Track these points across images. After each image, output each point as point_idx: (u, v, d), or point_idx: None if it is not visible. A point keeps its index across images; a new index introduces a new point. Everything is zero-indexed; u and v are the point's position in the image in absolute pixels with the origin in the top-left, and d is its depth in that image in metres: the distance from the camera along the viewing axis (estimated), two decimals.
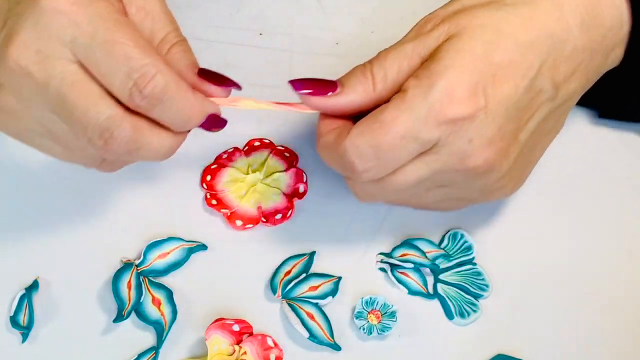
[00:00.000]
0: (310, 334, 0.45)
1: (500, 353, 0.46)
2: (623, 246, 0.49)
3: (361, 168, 0.41)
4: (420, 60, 0.43)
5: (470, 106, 0.41)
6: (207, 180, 0.51)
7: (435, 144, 0.41)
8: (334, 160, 0.43)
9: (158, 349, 0.45)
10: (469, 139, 0.41)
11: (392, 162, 0.41)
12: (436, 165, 0.42)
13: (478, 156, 0.41)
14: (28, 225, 0.50)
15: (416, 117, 0.40)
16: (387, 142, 0.40)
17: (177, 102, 0.40)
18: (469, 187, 0.44)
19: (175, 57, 0.42)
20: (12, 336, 0.46)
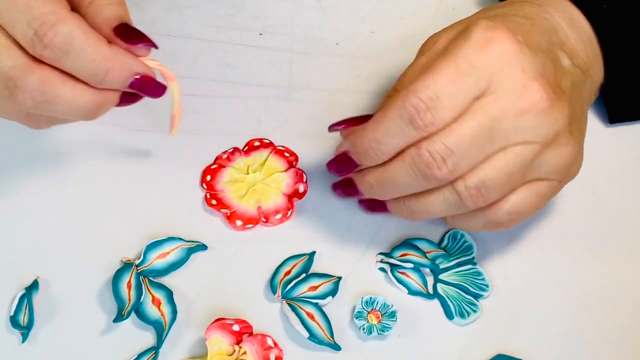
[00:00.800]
0: (310, 334, 0.45)
1: (500, 353, 0.46)
2: (623, 246, 0.49)
3: (423, 108, 0.40)
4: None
5: (512, 39, 0.41)
6: (207, 180, 0.51)
7: (491, 81, 0.41)
8: (390, 125, 0.42)
9: (158, 349, 0.45)
10: (522, 69, 0.41)
11: (453, 100, 0.41)
12: (500, 104, 0.41)
13: (535, 86, 0.41)
14: (28, 225, 0.50)
15: (466, 54, 0.41)
16: (444, 79, 0.40)
17: (87, 53, 0.39)
18: (538, 136, 0.42)
19: (95, 10, 0.41)
20: (12, 336, 0.46)
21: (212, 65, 0.57)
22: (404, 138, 0.42)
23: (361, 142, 0.43)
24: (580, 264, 0.49)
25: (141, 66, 0.42)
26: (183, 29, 0.59)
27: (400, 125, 0.41)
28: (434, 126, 0.41)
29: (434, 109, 0.40)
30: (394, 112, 0.41)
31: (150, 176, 0.52)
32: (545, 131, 0.42)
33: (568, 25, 0.47)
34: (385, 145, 0.42)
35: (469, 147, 0.41)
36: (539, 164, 0.43)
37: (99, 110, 0.42)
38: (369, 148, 0.43)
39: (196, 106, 0.55)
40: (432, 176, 0.41)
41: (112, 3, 0.41)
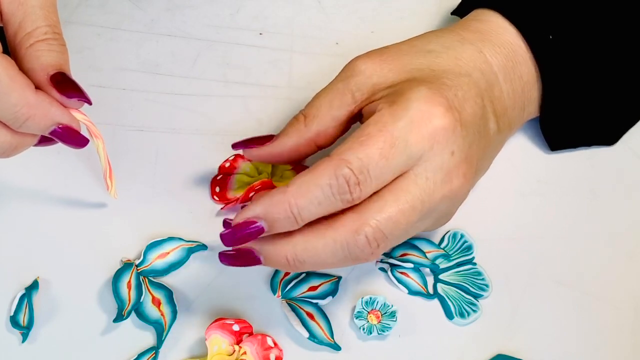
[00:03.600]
0: (310, 334, 0.45)
1: (500, 353, 0.46)
2: (623, 246, 0.49)
3: (353, 181, 0.39)
4: (352, 95, 0.44)
5: (449, 117, 0.41)
6: (217, 192, 0.51)
7: (420, 158, 0.41)
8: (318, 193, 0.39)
9: (158, 349, 0.45)
10: (452, 152, 0.41)
11: (382, 175, 0.40)
12: (425, 186, 0.41)
13: (459, 172, 0.42)
14: (28, 225, 0.50)
15: (401, 127, 0.40)
16: (377, 152, 0.40)
17: (10, 98, 0.39)
18: (439, 215, 0.44)
19: (34, 54, 0.40)
20: (12, 336, 0.46)
21: (212, 65, 0.57)
22: (328, 208, 0.40)
23: (281, 205, 0.40)
24: (580, 264, 0.49)
25: (65, 117, 0.41)
26: (183, 29, 0.59)
27: (328, 195, 0.40)
28: (360, 200, 0.40)
29: (363, 182, 0.40)
30: (323, 180, 0.40)
31: (150, 176, 0.52)
32: (449, 211, 0.44)
33: (505, 78, 0.46)
34: (308, 213, 0.40)
35: (400, 233, 0.41)
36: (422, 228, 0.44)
37: (14, 151, 0.42)
38: (290, 214, 0.40)
39: (196, 106, 0.55)
40: (364, 261, 0.41)
41: (53, 49, 0.40)
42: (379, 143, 0.40)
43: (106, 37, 0.58)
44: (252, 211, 0.41)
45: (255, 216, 0.41)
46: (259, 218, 0.41)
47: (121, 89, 0.56)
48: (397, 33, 0.58)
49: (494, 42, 0.47)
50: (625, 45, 0.49)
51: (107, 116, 0.54)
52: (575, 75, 0.48)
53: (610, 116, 0.51)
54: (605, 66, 0.49)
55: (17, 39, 0.40)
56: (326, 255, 0.41)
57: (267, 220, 0.40)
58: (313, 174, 0.40)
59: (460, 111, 0.42)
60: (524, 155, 0.52)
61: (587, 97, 0.49)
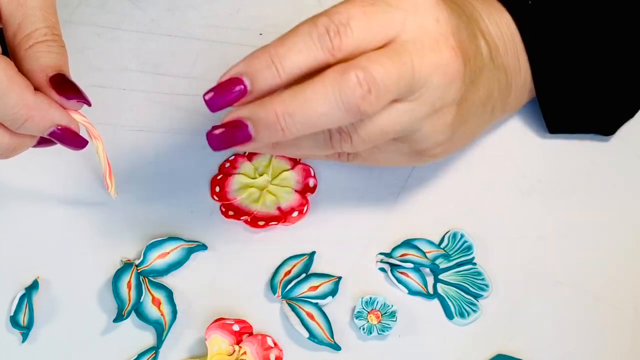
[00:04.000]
0: (310, 334, 0.45)
1: (500, 353, 0.46)
2: (623, 246, 0.49)
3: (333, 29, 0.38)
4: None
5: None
6: (216, 191, 0.51)
7: (403, 22, 0.39)
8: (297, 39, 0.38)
9: (158, 349, 0.45)
10: (437, 19, 0.40)
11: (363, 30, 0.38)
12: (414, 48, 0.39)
13: (447, 42, 0.40)
14: (28, 225, 0.50)
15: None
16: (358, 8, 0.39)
17: (9, 99, 0.39)
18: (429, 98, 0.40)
19: (33, 55, 0.40)
20: (12, 336, 0.46)
21: (212, 65, 0.57)
22: (309, 56, 0.38)
23: (262, 57, 0.38)
24: (580, 263, 0.49)
25: (64, 119, 0.41)
26: (183, 29, 0.59)
27: (307, 43, 0.38)
28: (341, 52, 0.38)
29: (343, 34, 0.38)
30: (302, 28, 0.39)
31: (150, 176, 0.52)
32: (442, 97, 0.41)
33: (490, 20, 0.46)
34: (289, 62, 0.38)
35: (392, 85, 0.38)
36: (414, 126, 0.42)
37: (12, 152, 0.42)
38: (271, 63, 0.38)
39: (196, 106, 0.55)
40: (355, 106, 0.38)
41: (52, 51, 0.40)
42: (359, 1, 0.39)
43: (106, 37, 0.58)
44: (234, 69, 0.39)
45: (237, 72, 0.39)
46: (240, 74, 0.39)
47: (121, 89, 0.56)
48: None
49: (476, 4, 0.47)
50: (617, 26, 0.49)
51: (107, 116, 0.54)
52: (560, 43, 0.48)
53: (607, 104, 0.50)
54: (594, 45, 0.48)
55: (17, 40, 0.40)
56: (316, 101, 0.38)
57: (249, 75, 0.39)
58: (295, 27, 0.39)
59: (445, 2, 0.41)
60: (524, 155, 0.52)
61: (579, 75, 0.49)
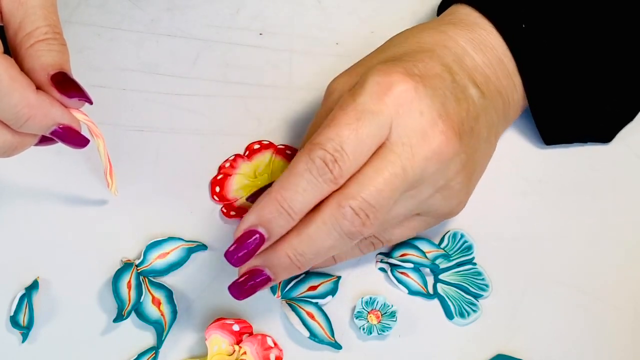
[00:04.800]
0: (311, 334, 0.45)
1: (500, 353, 0.46)
2: (622, 246, 0.49)
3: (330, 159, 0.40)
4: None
5: (408, 80, 0.41)
6: (217, 192, 0.51)
7: (390, 125, 0.40)
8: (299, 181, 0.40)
9: (158, 349, 0.45)
10: (420, 112, 0.41)
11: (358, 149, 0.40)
12: (402, 156, 0.40)
13: (434, 131, 0.41)
14: (28, 225, 0.50)
15: (362, 101, 0.40)
16: (345, 128, 0.40)
17: (11, 98, 0.39)
18: (435, 183, 0.42)
19: (34, 54, 0.40)
20: (12, 336, 0.46)
21: (212, 65, 0.57)
22: (315, 193, 0.40)
23: (271, 204, 0.40)
24: (580, 263, 0.49)
25: (66, 117, 0.41)
26: (183, 29, 0.59)
27: (310, 180, 0.40)
28: (343, 177, 0.40)
29: (340, 160, 0.40)
30: (301, 166, 0.40)
31: (150, 176, 0.52)
32: (443, 177, 0.42)
33: (475, 49, 0.46)
34: (298, 204, 0.40)
35: (387, 201, 0.41)
36: (426, 204, 0.44)
37: (14, 151, 0.42)
38: (281, 209, 0.40)
39: (196, 106, 0.55)
40: (358, 233, 0.40)
41: (53, 49, 0.40)
42: (345, 120, 0.40)
43: (106, 37, 0.58)
44: (246, 221, 0.41)
45: (251, 224, 0.41)
46: (255, 225, 0.41)
47: (121, 89, 0.56)
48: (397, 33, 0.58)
49: (461, 25, 0.47)
50: (608, 40, 0.49)
51: (107, 116, 0.54)
52: (552, 61, 0.48)
53: (603, 112, 0.51)
54: (586, 58, 0.48)
55: (18, 39, 0.40)
56: (321, 239, 0.40)
57: (263, 224, 0.40)
58: (291, 166, 0.40)
59: (421, 76, 0.42)
60: (524, 155, 0.52)
61: (571, 88, 0.49)
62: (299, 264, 0.42)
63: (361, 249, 0.47)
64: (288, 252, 0.41)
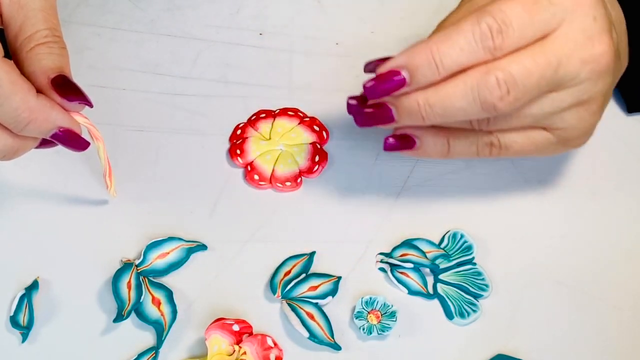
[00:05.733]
0: (311, 334, 0.45)
1: (500, 353, 0.46)
2: (623, 246, 0.49)
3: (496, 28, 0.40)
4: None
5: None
6: (238, 154, 0.52)
7: (564, 19, 0.40)
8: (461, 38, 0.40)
9: (158, 349, 0.45)
10: (594, 17, 0.41)
11: (524, 28, 0.40)
12: (564, 50, 0.40)
13: (602, 39, 0.41)
14: (28, 225, 0.50)
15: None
16: (519, 5, 0.40)
17: (11, 102, 0.39)
18: (576, 92, 0.42)
19: (34, 57, 0.40)
20: (12, 336, 0.46)
21: (212, 65, 0.57)
22: (470, 56, 0.40)
23: (424, 52, 0.40)
24: (580, 264, 0.49)
25: (66, 121, 0.41)
26: (183, 29, 0.59)
27: (470, 42, 0.40)
28: (502, 51, 0.40)
29: (505, 32, 0.40)
30: (466, 26, 0.40)
31: (150, 176, 0.52)
32: (589, 90, 0.42)
33: (612, 5, 0.46)
34: (449, 60, 0.40)
35: (532, 86, 0.40)
36: (557, 117, 0.43)
37: (15, 154, 0.42)
38: (432, 60, 0.40)
39: (196, 106, 0.55)
40: (491, 105, 0.40)
41: (53, 52, 0.41)
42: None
43: (106, 37, 0.58)
44: (395, 61, 0.41)
45: (398, 65, 0.41)
46: (401, 67, 0.41)
47: (121, 89, 0.56)
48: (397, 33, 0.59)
49: None
50: None
51: (107, 116, 0.54)
52: None
53: None
54: None
55: (18, 42, 0.40)
56: (455, 97, 0.40)
57: (409, 69, 0.41)
58: (457, 24, 0.40)
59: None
60: None
61: None
62: (424, 114, 0.41)
63: (478, 148, 0.45)
64: (419, 98, 0.41)
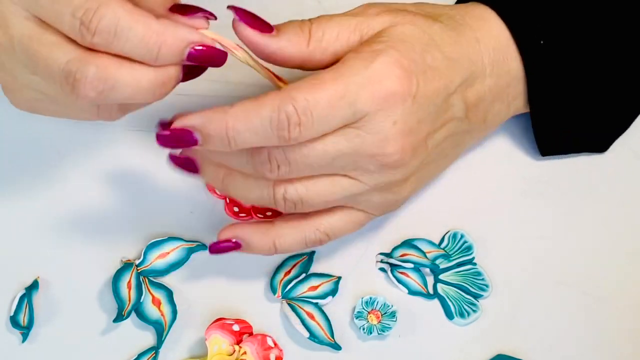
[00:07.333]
0: (311, 334, 0.45)
1: (500, 353, 0.46)
2: (623, 246, 0.49)
3: (294, 120, 0.39)
4: (360, 37, 0.44)
5: (405, 86, 0.41)
6: None
7: (363, 118, 0.41)
8: (257, 123, 0.39)
9: (158, 349, 0.45)
10: (394, 121, 0.41)
11: (324, 123, 0.40)
12: (357, 142, 0.41)
13: (397, 142, 0.41)
14: (28, 225, 0.50)
15: (356, 82, 0.40)
16: (325, 99, 0.40)
17: (136, 32, 0.38)
18: (372, 180, 0.43)
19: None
20: (12, 336, 0.46)
21: None
22: (263, 141, 0.40)
23: (219, 123, 0.40)
24: (580, 264, 0.49)
25: (195, 35, 0.40)
26: None
27: (266, 128, 0.39)
28: (296, 141, 0.40)
29: (304, 124, 0.40)
30: (265, 111, 0.39)
31: (151, 176, 0.52)
32: (382, 180, 0.43)
33: (492, 73, 0.46)
34: (242, 140, 0.40)
35: (305, 167, 0.41)
36: (361, 199, 0.44)
37: (164, 87, 0.41)
38: (224, 135, 0.40)
39: (196, 106, 0.55)
40: (262, 174, 0.41)
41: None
42: (330, 90, 0.40)
43: None
44: (190, 120, 0.41)
45: (192, 126, 0.40)
46: (195, 129, 0.40)
47: None
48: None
49: (491, 34, 0.47)
50: (616, 52, 0.49)
51: None
52: (562, 79, 0.48)
53: (600, 123, 0.51)
54: (593, 73, 0.49)
55: None
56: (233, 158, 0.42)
57: (203, 135, 0.40)
58: (258, 102, 0.40)
59: (420, 82, 0.42)
60: (524, 155, 0.52)
61: (574, 101, 0.49)
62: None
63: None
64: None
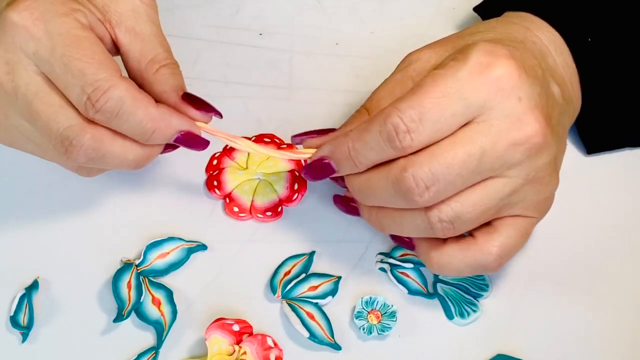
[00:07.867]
0: (311, 334, 0.45)
1: (500, 353, 0.46)
2: (623, 246, 0.49)
3: (402, 129, 0.39)
4: (412, 82, 0.44)
5: (512, 64, 0.40)
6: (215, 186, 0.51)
7: (482, 107, 0.40)
8: (370, 138, 0.41)
9: (158, 349, 0.45)
10: (518, 97, 0.40)
11: (436, 124, 0.39)
12: (492, 132, 0.40)
13: (530, 118, 0.40)
14: (28, 225, 0.50)
15: (457, 77, 0.40)
16: (428, 100, 0.39)
17: (135, 115, 0.42)
18: (523, 172, 0.41)
19: (162, 78, 0.44)
20: (12, 336, 0.46)
21: (212, 65, 0.57)
22: (381, 154, 0.41)
23: (340, 148, 0.42)
24: (580, 264, 0.49)
25: (185, 124, 0.44)
26: (183, 29, 0.59)
27: (378, 142, 0.41)
28: (412, 149, 0.40)
29: (414, 131, 0.40)
30: (374, 126, 0.41)
31: (151, 176, 0.52)
32: (532, 168, 0.41)
33: (556, 50, 0.46)
34: (363, 157, 0.42)
35: (454, 178, 0.40)
36: (517, 199, 0.42)
37: (146, 161, 0.45)
38: (348, 156, 0.42)
39: None
40: (412, 201, 0.40)
41: (176, 72, 0.45)
42: (432, 93, 0.40)
43: None
44: (320, 152, 0.44)
45: (324, 156, 0.44)
46: (326, 157, 0.44)
47: None
48: (397, 33, 0.59)
49: (541, 30, 0.47)
50: None
51: None
52: (610, 75, 0.48)
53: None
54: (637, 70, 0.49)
55: (142, 65, 0.44)
56: (379, 190, 0.42)
57: (334, 160, 0.43)
58: (370, 120, 0.42)
59: (518, 57, 0.41)
60: None
61: (622, 97, 0.49)
62: (359, 197, 0.44)
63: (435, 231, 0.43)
64: (354, 184, 0.44)
